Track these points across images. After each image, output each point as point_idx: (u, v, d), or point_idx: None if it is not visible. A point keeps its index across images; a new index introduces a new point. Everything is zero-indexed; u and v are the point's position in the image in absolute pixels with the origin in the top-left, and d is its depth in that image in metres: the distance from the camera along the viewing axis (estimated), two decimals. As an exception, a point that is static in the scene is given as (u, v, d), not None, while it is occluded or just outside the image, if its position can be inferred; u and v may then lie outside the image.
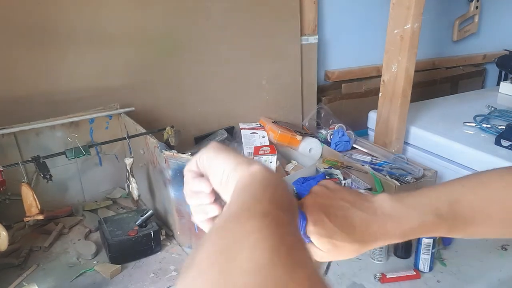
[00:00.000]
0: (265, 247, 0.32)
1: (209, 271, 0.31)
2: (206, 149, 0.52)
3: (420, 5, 1.38)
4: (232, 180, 0.47)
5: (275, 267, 0.30)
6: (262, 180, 0.44)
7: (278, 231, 0.35)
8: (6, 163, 1.06)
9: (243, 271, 0.30)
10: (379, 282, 1.03)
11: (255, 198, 0.40)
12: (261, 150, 1.49)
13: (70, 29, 1.32)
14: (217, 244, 0.34)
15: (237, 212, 0.38)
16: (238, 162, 0.48)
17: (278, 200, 0.41)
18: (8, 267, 1.09)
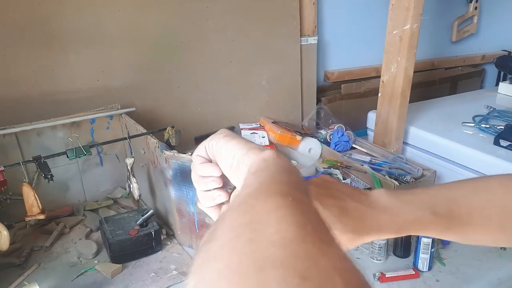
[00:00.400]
0: (291, 223, 0.31)
1: (234, 242, 0.30)
2: (216, 135, 0.51)
3: (419, 6, 1.38)
4: (244, 165, 0.46)
5: (303, 242, 0.30)
6: (276, 165, 0.43)
7: (302, 209, 0.34)
8: (8, 163, 1.07)
9: (272, 242, 0.29)
10: (378, 281, 1.03)
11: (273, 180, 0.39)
12: (261, 150, 1.49)
13: (71, 30, 1.32)
14: (239, 219, 0.33)
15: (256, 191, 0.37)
16: (249, 147, 0.47)
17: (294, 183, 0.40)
18: (9, 267, 1.09)
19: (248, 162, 0.45)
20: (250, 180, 0.41)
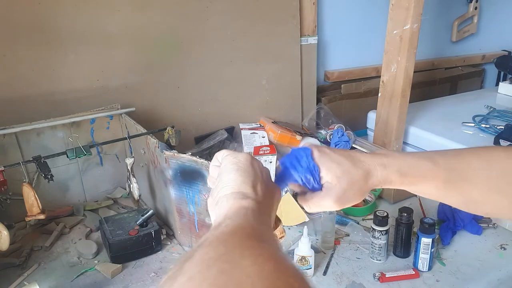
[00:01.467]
0: (268, 257, 0.34)
1: (206, 272, 0.31)
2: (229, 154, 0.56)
3: (419, 6, 1.38)
4: (222, 203, 0.50)
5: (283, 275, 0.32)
6: (255, 215, 0.46)
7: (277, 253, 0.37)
8: (7, 163, 1.07)
9: (247, 274, 0.31)
10: (378, 281, 1.03)
11: (249, 225, 0.44)
12: (261, 150, 1.49)
13: (71, 29, 1.32)
14: (210, 253, 0.35)
15: (232, 231, 0.40)
16: (236, 189, 0.51)
17: (269, 237, 0.44)
18: (9, 267, 1.09)
19: (226, 205, 0.48)
20: (225, 222, 0.43)
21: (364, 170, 0.56)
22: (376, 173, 0.57)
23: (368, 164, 0.57)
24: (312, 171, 0.56)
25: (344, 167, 0.56)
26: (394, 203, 1.36)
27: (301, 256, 1.03)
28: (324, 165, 0.57)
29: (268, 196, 0.53)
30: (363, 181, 0.56)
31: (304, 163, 0.57)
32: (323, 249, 1.16)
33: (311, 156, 0.57)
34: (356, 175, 0.56)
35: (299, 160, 0.57)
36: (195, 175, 1.05)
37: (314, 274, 1.06)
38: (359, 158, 0.57)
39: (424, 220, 1.07)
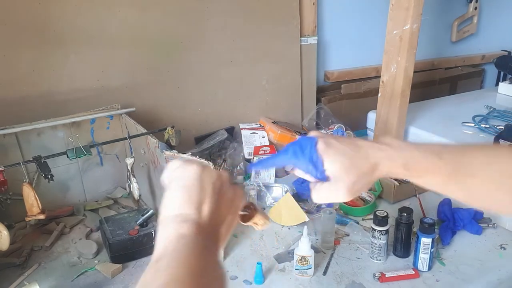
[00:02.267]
0: None
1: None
2: (178, 161, 0.56)
3: (419, 6, 1.38)
4: (165, 227, 0.51)
5: None
6: (193, 246, 0.47)
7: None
8: (8, 163, 1.07)
9: None
10: (378, 281, 1.03)
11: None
12: (261, 150, 1.49)
13: (72, 30, 1.32)
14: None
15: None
16: (177, 212, 0.51)
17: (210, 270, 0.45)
18: (9, 267, 1.09)
19: (167, 231, 0.48)
20: (163, 260, 0.44)
21: (371, 163, 0.56)
22: (382, 166, 0.57)
23: (375, 157, 0.57)
24: (315, 162, 0.56)
25: (353, 160, 0.56)
26: (394, 203, 1.36)
27: (301, 256, 1.03)
28: (330, 157, 0.56)
29: (217, 214, 0.51)
30: (371, 173, 0.56)
31: (307, 153, 0.56)
32: (323, 249, 1.16)
33: (315, 147, 0.56)
34: (364, 168, 0.56)
35: (303, 149, 0.57)
36: (195, 175, 1.05)
37: (314, 274, 1.06)
38: (367, 150, 0.57)
39: (424, 220, 1.07)
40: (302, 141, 0.58)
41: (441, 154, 0.56)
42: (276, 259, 1.12)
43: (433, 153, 0.57)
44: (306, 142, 0.57)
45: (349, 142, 0.58)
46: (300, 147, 0.57)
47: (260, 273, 1.03)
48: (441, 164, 0.56)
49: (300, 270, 1.04)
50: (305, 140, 0.58)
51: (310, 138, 0.57)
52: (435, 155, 0.56)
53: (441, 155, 0.56)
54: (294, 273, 1.06)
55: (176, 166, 0.54)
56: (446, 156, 0.56)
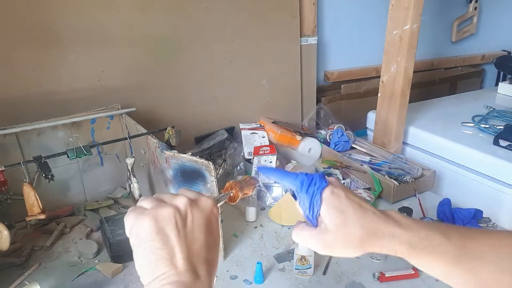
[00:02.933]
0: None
1: None
2: (131, 214, 0.52)
3: (419, 6, 1.38)
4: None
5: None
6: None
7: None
8: (8, 163, 1.07)
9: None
10: (378, 281, 1.04)
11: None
12: (261, 150, 1.50)
13: (72, 30, 1.32)
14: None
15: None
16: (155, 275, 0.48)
17: None
18: (10, 266, 1.10)
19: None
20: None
21: (368, 231, 0.52)
22: (380, 240, 0.53)
23: (377, 229, 0.53)
24: (314, 204, 0.54)
25: (348, 219, 0.53)
26: (394, 203, 1.37)
27: (301, 255, 1.03)
28: (330, 206, 0.54)
29: (193, 250, 0.49)
30: (361, 241, 0.53)
31: (311, 192, 0.54)
32: (323, 248, 1.16)
33: (322, 190, 0.54)
34: (356, 233, 0.52)
35: (310, 185, 0.55)
36: (196, 175, 1.05)
37: (314, 274, 1.06)
38: (371, 216, 0.53)
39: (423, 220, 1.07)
40: (314, 178, 0.56)
41: (448, 234, 0.53)
42: (276, 259, 1.12)
43: (441, 232, 0.53)
44: (317, 181, 0.55)
45: (357, 200, 0.54)
46: (310, 182, 0.55)
47: (260, 272, 1.04)
48: (449, 246, 0.52)
49: (300, 270, 1.05)
50: (318, 179, 0.55)
51: (322, 180, 0.55)
52: (442, 235, 0.52)
53: (448, 235, 0.53)
54: (294, 273, 1.06)
55: (130, 225, 0.50)
56: (453, 236, 0.53)
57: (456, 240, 0.53)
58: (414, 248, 0.52)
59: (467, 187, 1.44)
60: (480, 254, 0.52)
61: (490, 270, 0.52)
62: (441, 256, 0.52)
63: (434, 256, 0.53)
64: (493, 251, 0.53)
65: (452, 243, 0.52)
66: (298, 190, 0.55)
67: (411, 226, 0.53)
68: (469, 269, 0.53)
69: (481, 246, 0.53)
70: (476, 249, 0.53)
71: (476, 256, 0.52)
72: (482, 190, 1.40)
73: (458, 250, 0.52)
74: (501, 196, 1.35)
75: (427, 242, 0.52)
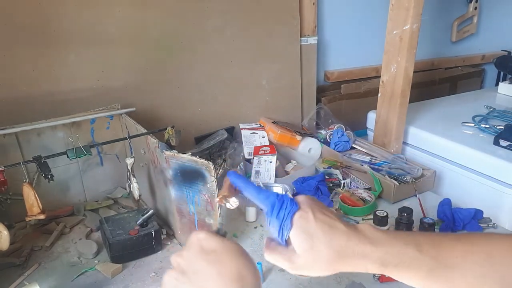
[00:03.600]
0: None
1: None
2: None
3: (419, 6, 1.38)
4: None
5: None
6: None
7: None
8: (8, 163, 1.07)
9: None
10: (378, 281, 1.03)
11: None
12: (261, 150, 1.49)
13: (72, 30, 1.32)
14: None
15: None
16: None
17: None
18: (9, 267, 1.09)
19: None
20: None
21: (337, 252, 0.53)
22: (351, 260, 0.53)
23: (346, 248, 0.53)
24: (282, 228, 0.54)
25: (316, 242, 0.53)
26: (394, 203, 1.36)
27: (301, 256, 1.03)
28: (298, 230, 0.54)
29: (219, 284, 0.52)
30: (330, 263, 0.54)
31: (281, 216, 0.54)
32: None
33: (292, 215, 0.54)
34: (324, 256, 0.53)
35: (279, 209, 0.55)
36: (195, 175, 1.05)
37: (314, 274, 1.06)
38: (340, 237, 0.53)
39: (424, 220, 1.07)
40: (285, 202, 0.55)
41: (420, 246, 0.53)
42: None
43: (413, 245, 0.53)
44: (288, 205, 0.55)
45: (326, 223, 0.54)
46: (280, 206, 0.55)
47: (260, 273, 1.03)
48: (421, 259, 0.52)
49: (300, 270, 1.04)
50: (289, 203, 0.55)
51: (293, 204, 0.55)
52: (415, 248, 0.53)
53: (420, 247, 0.53)
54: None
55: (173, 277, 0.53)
56: (426, 248, 0.53)
57: (429, 251, 0.53)
58: (386, 266, 0.53)
59: (468, 187, 1.44)
60: (454, 263, 0.53)
61: (464, 278, 0.53)
62: (415, 270, 0.53)
63: (407, 271, 0.53)
64: (466, 258, 0.53)
65: (425, 256, 0.53)
66: (269, 213, 0.55)
67: (382, 242, 0.53)
68: (444, 279, 0.53)
69: (455, 254, 0.53)
70: (450, 257, 0.53)
71: (450, 265, 0.53)
72: (482, 190, 1.40)
73: (432, 262, 0.52)
74: (501, 196, 1.35)
75: (399, 259, 0.53)
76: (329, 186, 1.41)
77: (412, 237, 0.55)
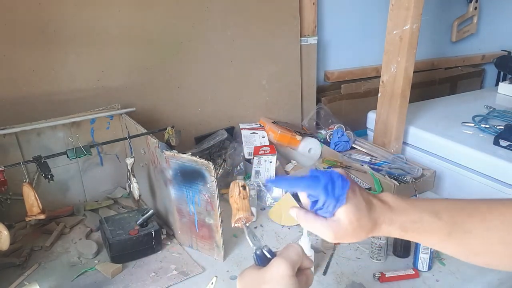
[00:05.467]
0: None
1: None
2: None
3: (419, 6, 1.38)
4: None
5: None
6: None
7: None
8: (8, 163, 1.07)
9: None
10: (378, 281, 1.03)
11: None
12: (261, 150, 1.49)
13: (72, 30, 1.32)
14: None
15: None
16: None
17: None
18: (9, 267, 1.09)
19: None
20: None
21: (373, 223, 0.58)
22: (381, 228, 0.59)
23: (379, 219, 0.58)
24: (338, 203, 0.57)
25: (361, 214, 0.57)
26: (394, 203, 1.36)
27: (301, 256, 1.03)
28: (349, 204, 0.57)
29: None
30: (367, 231, 0.58)
31: (338, 192, 0.57)
32: (323, 249, 1.16)
33: (346, 190, 0.57)
34: (365, 226, 0.58)
35: (334, 185, 0.57)
36: (195, 175, 1.05)
37: (314, 274, 1.06)
38: (376, 209, 0.59)
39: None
40: (335, 177, 0.58)
41: (439, 213, 0.58)
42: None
43: (431, 213, 0.58)
44: (339, 181, 0.57)
45: (366, 197, 0.60)
46: (332, 182, 0.57)
47: (260, 273, 1.03)
48: (439, 224, 0.58)
49: (300, 270, 1.04)
50: (339, 177, 0.57)
51: (344, 179, 0.57)
52: (434, 215, 0.58)
53: (439, 214, 0.58)
54: (294, 273, 1.06)
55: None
56: (444, 215, 0.58)
57: (446, 217, 0.58)
58: (406, 230, 0.59)
59: (468, 187, 1.44)
60: (469, 227, 0.58)
61: (479, 242, 0.58)
62: (432, 234, 0.58)
63: (425, 235, 0.59)
64: (482, 223, 0.58)
65: (442, 221, 0.58)
66: (324, 196, 0.57)
67: (403, 210, 0.59)
68: (460, 242, 0.59)
69: (471, 219, 0.58)
70: (466, 223, 0.58)
71: (466, 230, 0.58)
72: (482, 190, 1.40)
73: (449, 227, 0.58)
74: (501, 196, 1.35)
75: (418, 224, 0.58)
76: (329, 186, 1.41)
77: (432, 204, 0.60)
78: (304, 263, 0.57)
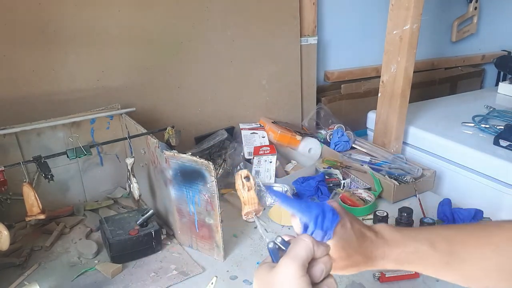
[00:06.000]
0: None
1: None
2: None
3: (419, 6, 1.38)
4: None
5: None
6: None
7: None
8: (8, 163, 1.07)
9: None
10: (378, 281, 1.03)
11: None
12: (261, 150, 1.49)
13: (72, 30, 1.32)
14: None
15: None
16: None
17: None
18: (9, 267, 1.09)
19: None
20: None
21: (366, 257, 0.58)
22: (375, 262, 0.59)
23: (372, 253, 0.58)
24: (326, 237, 0.57)
25: (351, 250, 0.57)
26: (394, 203, 1.36)
27: (301, 256, 1.03)
28: (338, 238, 0.57)
29: None
30: (359, 266, 0.58)
31: (326, 225, 0.57)
32: (323, 249, 1.16)
33: (335, 224, 0.57)
34: (355, 261, 0.58)
35: (324, 218, 0.57)
36: (195, 175, 1.05)
37: (314, 274, 1.06)
38: (368, 243, 0.58)
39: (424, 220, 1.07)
40: (326, 209, 0.57)
41: (435, 243, 0.58)
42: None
43: (426, 243, 0.58)
44: (331, 217, 0.57)
45: (358, 230, 0.59)
46: (325, 216, 0.57)
47: (260, 273, 1.03)
48: (435, 255, 0.58)
49: (300, 270, 1.04)
50: (332, 215, 0.58)
51: (335, 215, 0.57)
52: (429, 245, 0.58)
53: (434, 244, 0.58)
54: (294, 273, 1.05)
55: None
56: (439, 244, 0.58)
57: (443, 247, 0.58)
58: (402, 263, 0.59)
59: (468, 187, 1.44)
60: (465, 256, 0.58)
61: (476, 269, 0.59)
62: (428, 265, 0.59)
63: (421, 266, 0.59)
64: (478, 251, 0.58)
65: (439, 252, 0.58)
66: (312, 226, 0.57)
67: (398, 242, 0.59)
68: (457, 271, 0.59)
69: (467, 248, 0.59)
70: (463, 251, 0.58)
71: (462, 258, 0.58)
72: (482, 190, 1.40)
73: (445, 257, 0.58)
74: (501, 196, 1.35)
75: (414, 256, 0.58)
76: (329, 186, 1.41)
77: (426, 234, 0.60)
78: (317, 253, 0.55)
